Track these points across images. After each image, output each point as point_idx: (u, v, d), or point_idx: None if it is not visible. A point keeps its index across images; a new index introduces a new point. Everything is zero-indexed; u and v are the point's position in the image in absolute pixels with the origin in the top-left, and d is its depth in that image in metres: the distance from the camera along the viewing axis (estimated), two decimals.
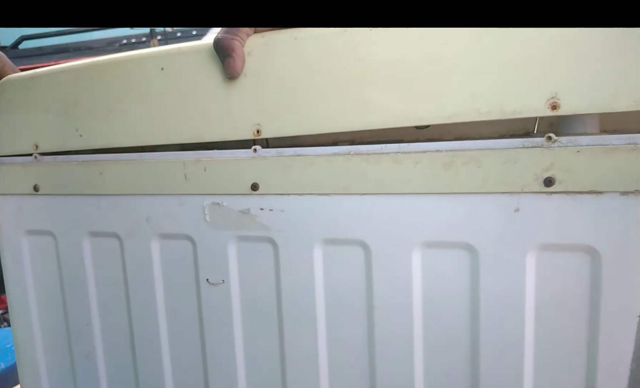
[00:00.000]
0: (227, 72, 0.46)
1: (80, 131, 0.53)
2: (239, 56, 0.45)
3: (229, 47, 0.45)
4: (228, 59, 0.45)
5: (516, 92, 0.40)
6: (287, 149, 0.47)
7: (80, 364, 0.61)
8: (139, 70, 0.50)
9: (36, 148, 0.55)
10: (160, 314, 0.56)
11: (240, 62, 0.46)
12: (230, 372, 0.53)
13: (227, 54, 0.45)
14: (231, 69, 0.45)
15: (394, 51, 0.42)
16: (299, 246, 0.48)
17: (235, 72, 0.46)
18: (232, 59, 0.45)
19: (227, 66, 0.46)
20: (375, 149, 0.44)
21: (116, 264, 0.56)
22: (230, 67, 0.45)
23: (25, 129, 0.56)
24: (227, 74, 0.46)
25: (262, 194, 0.48)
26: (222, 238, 0.51)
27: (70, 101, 0.54)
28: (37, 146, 0.55)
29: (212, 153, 0.50)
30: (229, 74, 0.46)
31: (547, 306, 0.42)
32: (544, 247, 0.41)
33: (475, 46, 0.40)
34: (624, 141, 0.38)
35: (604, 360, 0.41)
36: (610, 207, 0.39)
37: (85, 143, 0.54)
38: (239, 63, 0.45)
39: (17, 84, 0.56)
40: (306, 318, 0.49)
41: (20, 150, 0.57)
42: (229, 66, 0.45)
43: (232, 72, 0.46)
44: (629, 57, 0.37)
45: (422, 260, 0.45)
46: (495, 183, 0.41)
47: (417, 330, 0.46)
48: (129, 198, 0.54)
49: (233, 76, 0.46)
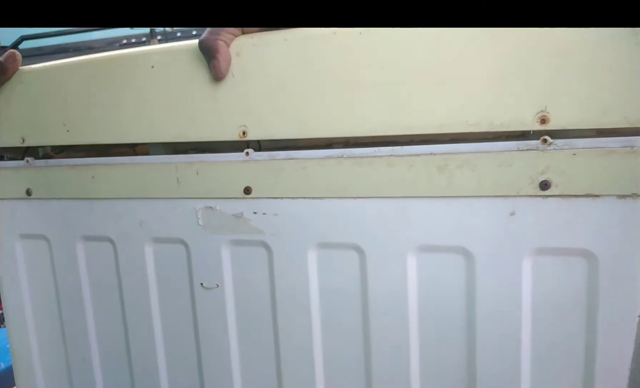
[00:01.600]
0: (213, 74, 0.46)
1: (67, 126, 0.53)
2: (223, 57, 0.45)
3: (213, 48, 0.44)
4: (213, 60, 0.45)
5: (505, 105, 0.39)
6: (280, 153, 0.47)
7: (76, 368, 0.61)
8: (128, 68, 0.50)
9: (23, 142, 0.55)
10: (155, 318, 0.55)
11: (225, 64, 0.45)
12: (226, 376, 0.53)
13: (211, 56, 0.45)
14: (216, 70, 0.45)
15: (384, 57, 0.42)
16: (293, 250, 0.48)
17: (220, 73, 0.45)
18: (216, 61, 0.45)
19: (212, 68, 0.45)
20: (369, 152, 0.44)
21: (110, 268, 0.56)
22: (215, 69, 0.45)
23: (13, 122, 0.55)
24: (213, 75, 0.46)
25: (255, 198, 0.48)
26: (216, 242, 0.50)
27: (58, 96, 0.53)
28: (23, 139, 0.55)
29: (204, 156, 0.49)
30: (214, 75, 0.46)
31: (544, 311, 0.42)
32: (540, 251, 0.41)
33: (465, 58, 0.39)
34: (621, 144, 0.37)
35: (603, 363, 0.40)
36: (607, 210, 0.38)
37: (71, 139, 0.53)
38: (223, 64, 0.45)
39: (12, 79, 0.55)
40: (301, 322, 0.49)
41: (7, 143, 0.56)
42: (213, 67, 0.45)
43: (216, 73, 0.45)
44: (620, 73, 0.36)
45: (417, 264, 0.44)
46: (490, 187, 0.41)
47: (413, 334, 0.46)
48: (121, 201, 0.53)
49: (218, 77, 0.46)
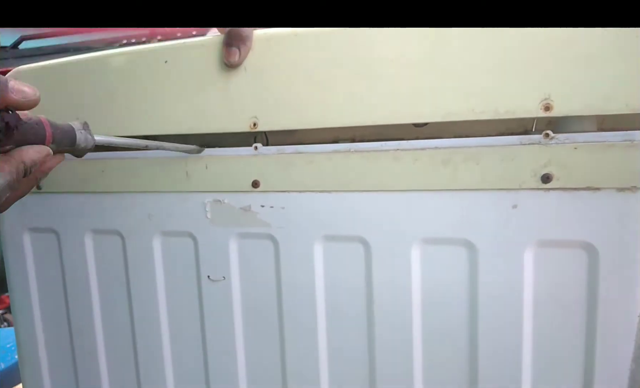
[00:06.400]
0: (231, 59, 0.46)
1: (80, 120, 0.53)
2: (248, 48, 0.46)
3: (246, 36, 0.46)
4: (242, 47, 0.46)
5: (510, 92, 0.40)
6: (288, 147, 0.48)
7: (82, 361, 0.61)
8: (142, 63, 0.51)
9: None
10: (162, 311, 0.56)
11: (246, 54, 0.46)
12: (231, 368, 0.54)
13: (242, 42, 0.46)
14: (237, 57, 0.46)
15: (392, 49, 0.43)
16: (300, 242, 0.49)
17: (239, 61, 0.46)
18: (245, 48, 0.46)
19: (232, 54, 0.46)
20: (375, 147, 0.45)
21: (118, 261, 0.57)
22: (235, 55, 0.46)
23: None
24: (230, 61, 0.46)
25: (263, 192, 0.49)
26: (223, 235, 0.51)
27: (72, 92, 0.54)
28: None
29: (213, 151, 0.50)
30: (233, 61, 0.46)
31: (545, 302, 0.43)
32: (542, 243, 0.42)
33: (470, 47, 0.41)
34: (621, 138, 0.38)
35: (603, 358, 0.41)
36: (607, 203, 0.39)
37: None
38: (244, 54, 0.46)
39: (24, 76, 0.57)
40: (306, 314, 0.50)
41: None
42: (236, 54, 0.46)
43: (235, 61, 0.46)
44: (622, 60, 0.37)
45: (421, 256, 0.45)
46: (493, 180, 0.42)
47: (417, 325, 0.46)
48: (131, 195, 0.54)
49: (235, 64, 0.47)
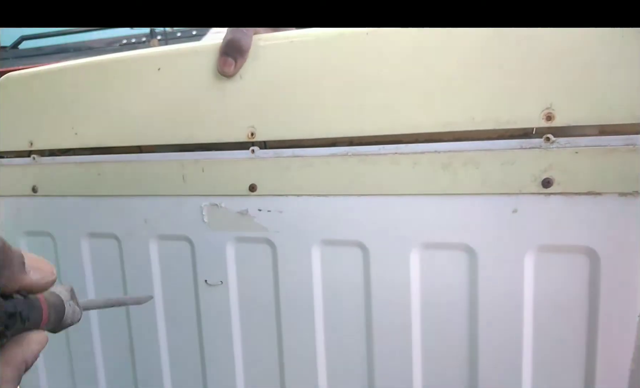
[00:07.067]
0: (225, 70, 0.46)
1: (75, 129, 0.53)
2: (244, 59, 0.46)
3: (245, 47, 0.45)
4: (239, 59, 0.45)
5: (511, 102, 0.40)
6: (285, 150, 0.47)
7: (79, 363, 0.61)
8: (136, 70, 0.50)
9: (31, 145, 0.55)
10: (159, 315, 0.56)
11: (242, 64, 0.46)
12: (229, 372, 0.53)
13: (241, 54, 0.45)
14: (232, 69, 0.46)
15: (391, 57, 0.42)
16: (297, 247, 0.48)
17: (234, 73, 0.46)
18: (242, 60, 0.45)
19: (227, 65, 0.45)
20: (373, 150, 0.44)
21: (115, 265, 0.56)
22: (231, 67, 0.45)
23: (21, 126, 0.56)
24: (225, 72, 0.46)
25: (260, 196, 0.48)
26: (220, 239, 0.51)
27: (67, 100, 0.53)
28: (31, 143, 0.55)
29: (210, 154, 0.50)
30: (228, 72, 0.46)
31: (546, 308, 0.42)
32: (542, 248, 0.41)
33: (471, 56, 0.40)
34: (623, 142, 0.38)
35: (604, 360, 0.41)
36: (609, 208, 0.39)
37: (80, 142, 0.53)
38: (240, 65, 0.46)
39: (16, 82, 0.56)
40: (304, 318, 0.49)
41: (15, 147, 0.57)
42: (232, 65, 0.45)
43: (231, 72, 0.46)
44: (626, 68, 0.37)
45: (420, 261, 0.45)
46: (493, 184, 0.41)
47: (415, 330, 0.46)
48: (127, 199, 0.54)
49: (230, 75, 0.46)
